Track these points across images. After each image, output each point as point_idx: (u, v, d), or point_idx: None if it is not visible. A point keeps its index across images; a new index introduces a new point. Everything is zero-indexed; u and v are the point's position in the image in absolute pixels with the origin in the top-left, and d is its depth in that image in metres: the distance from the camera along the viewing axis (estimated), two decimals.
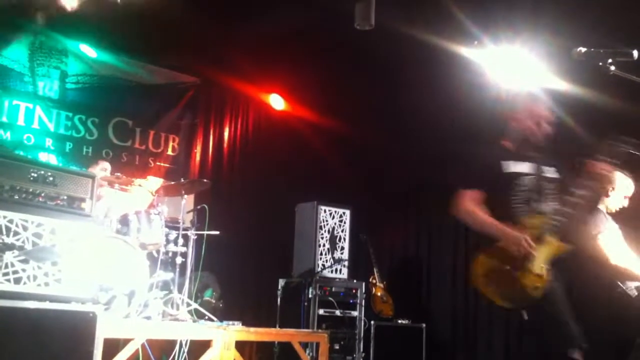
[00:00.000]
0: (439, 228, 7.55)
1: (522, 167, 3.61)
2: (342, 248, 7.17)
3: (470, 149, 3.92)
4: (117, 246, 4.94)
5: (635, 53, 3.08)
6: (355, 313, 6.76)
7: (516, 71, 6.06)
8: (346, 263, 7.11)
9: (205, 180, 5.86)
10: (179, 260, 5.47)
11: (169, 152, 7.79)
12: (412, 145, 7.46)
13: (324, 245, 7.05)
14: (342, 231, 7.24)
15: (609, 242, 4.37)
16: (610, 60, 3.10)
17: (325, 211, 7.19)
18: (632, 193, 4.61)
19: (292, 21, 6.35)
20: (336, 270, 7.03)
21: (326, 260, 7.01)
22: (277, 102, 8.47)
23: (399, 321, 6.94)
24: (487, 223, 3.53)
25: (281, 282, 6.88)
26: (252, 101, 8.50)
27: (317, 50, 6.78)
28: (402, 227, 8.00)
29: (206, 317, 5.31)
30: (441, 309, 7.42)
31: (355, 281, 7.00)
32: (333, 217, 7.22)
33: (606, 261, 4.33)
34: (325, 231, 7.09)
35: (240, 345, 4.82)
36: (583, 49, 3.15)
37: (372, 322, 6.74)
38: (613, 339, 4.37)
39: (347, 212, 7.33)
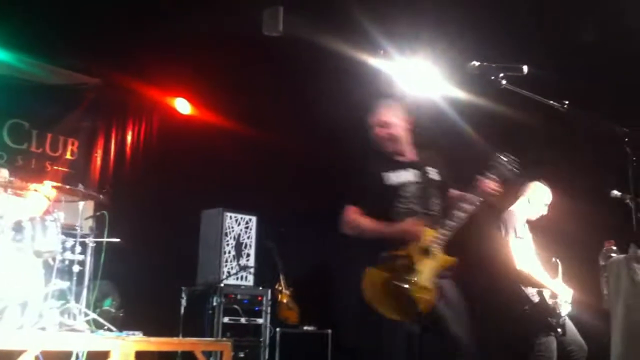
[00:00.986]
0: (347, 236, 7.59)
1: (405, 175, 3.64)
2: (248, 255, 7.12)
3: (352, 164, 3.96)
4: (10, 254, 4.72)
5: (524, 68, 3.22)
6: (260, 320, 6.72)
7: (420, 81, 6.21)
8: (252, 270, 7.07)
9: (100, 195, 5.72)
10: (76, 268, 5.27)
11: (68, 156, 7.44)
12: (322, 153, 7.48)
13: (229, 253, 6.98)
14: (248, 238, 7.19)
15: (517, 247, 4.52)
16: (501, 75, 3.24)
17: (231, 218, 7.12)
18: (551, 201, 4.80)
19: (199, 25, 6.26)
20: (242, 277, 6.97)
21: (231, 268, 6.93)
22: (183, 106, 8.30)
23: (305, 328, 6.93)
24: (372, 226, 3.62)
25: (185, 291, 6.74)
26: (157, 105, 8.26)
27: (225, 55, 6.70)
28: (310, 234, 8.00)
29: (105, 328, 5.13)
30: (348, 315, 7.47)
31: (260, 288, 6.96)
32: (239, 224, 7.16)
33: (511, 265, 4.48)
34: (230, 238, 7.02)
35: (140, 356, 4.68)
36: (476, 63, 3.28)
37: (278, 329, 6.70)
38: (510, 339, 4.54)
39: (254, 218, 7.29)
